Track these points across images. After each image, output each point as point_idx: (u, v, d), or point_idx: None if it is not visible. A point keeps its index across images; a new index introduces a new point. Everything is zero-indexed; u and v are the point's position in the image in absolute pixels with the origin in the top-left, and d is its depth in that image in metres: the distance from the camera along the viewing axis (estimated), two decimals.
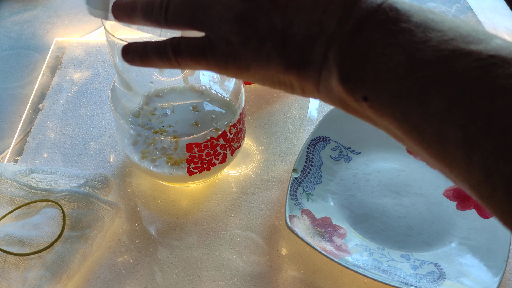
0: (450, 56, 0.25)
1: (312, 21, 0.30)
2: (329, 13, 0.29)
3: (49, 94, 0.70)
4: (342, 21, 0.28)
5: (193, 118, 0.54)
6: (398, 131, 0.28)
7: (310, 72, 0.31)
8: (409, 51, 0.26)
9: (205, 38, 0.33)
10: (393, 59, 0.27)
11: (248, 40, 0.32)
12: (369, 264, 0.50)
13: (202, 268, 0.51)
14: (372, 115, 0.29)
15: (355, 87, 0.28)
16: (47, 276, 0.47)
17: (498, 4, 0.89)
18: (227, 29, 0.32)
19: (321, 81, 0.30)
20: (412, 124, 0.27)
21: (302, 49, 0.30)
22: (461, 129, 0.24)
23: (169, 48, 0.34)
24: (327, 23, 0.29)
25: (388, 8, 0.28)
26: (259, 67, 0.32)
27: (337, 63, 0.29)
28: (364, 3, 0.28)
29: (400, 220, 0.54)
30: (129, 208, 0.56)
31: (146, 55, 0.36)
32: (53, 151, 0.63)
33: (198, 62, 0.34)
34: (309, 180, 0.57)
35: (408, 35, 0.27)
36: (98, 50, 0.77)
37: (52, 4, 0.89)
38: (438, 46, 0.26)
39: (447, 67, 0.25)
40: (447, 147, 0.25)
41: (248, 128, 0.65)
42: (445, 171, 0.27)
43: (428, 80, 0.25)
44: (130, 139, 0.55)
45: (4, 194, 0.54)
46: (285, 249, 0.53)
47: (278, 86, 0.33)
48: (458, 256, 0.51)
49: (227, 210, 0.56)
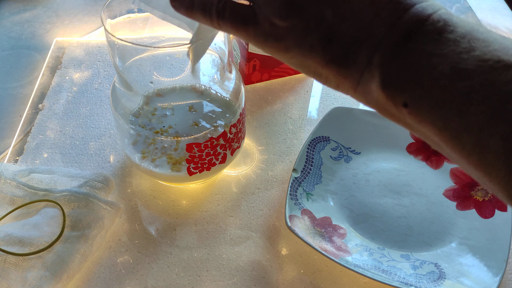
0: (493, 67, 0.26)
1: (363, 22, 0.30)
2: (380, 17, 0.29)
3: (49, 94, 0.70)
4: (392, 27, 0.29)
5: (193, 118, 0.54)
6: (438, 138, 0.28)
7: (351, 71, 0.31)
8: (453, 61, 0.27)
9: (249, 8, 0.33)
10: (437, 68, 0.27)
11: (294, 26, 0.31)
12: (369, 264, 0.50)
13: (202, 268, 0.51)
14: (411, 122, 0.29)
15: (396, 93, 0.29)
16: (47, 276, 0.47)
17: (498, 4, 0.89)
18: (275, 10, 0.31)
19: (360, 82, 0.30)
20: (452, 133, 0.27)
21: (347, 48, 0.30)
22: (503, 140, 0.25)
23: (214, 9, 0.34)
24: (377, 27, 0.29)
25: (437, 19, 0.28)
26: (299, 54, 0.32)
27: (381, 68, 0.29)
28: (415, 11, 0.28)
29: (400, 220, 0.54)
30: (129, 208, 0.56)
31: (192, 8, 0.36)
32: (53, 151, 0.63)
33: (238, 30, 0.34)
34: (309, 180, 0.57)
35: (453, 46, 0.27)
36: (98, 50, 0.77)
37: (52, 4, 0.89)
38: (482, 56, 0.26)
39: (490, 78, 0.26)
40: (487, 156, 0.26)
41: (248, 128, 0.65)
42: (483, 179, 0.27)
43: (471, 90, 0.26)
44: (130, 139, 0.55)
45: (4, 194, 0.54)
46: (285, 249, 0.53)
47: (312, 75, 0.33)
48: (458, 256, 0.51)
49: (227, 210, 0.56)
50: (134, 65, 0.54)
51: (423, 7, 0.29)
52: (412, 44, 0.28)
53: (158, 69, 0.57)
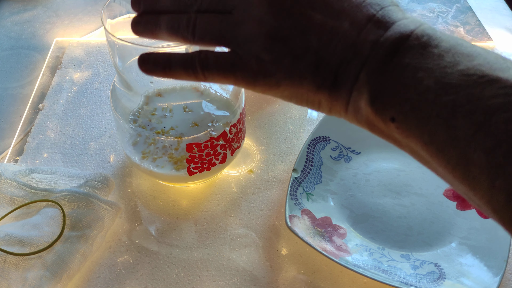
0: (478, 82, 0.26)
1: (348, 43, 0.30)
2: (363, 36, 0.29)
3: (49, 94, 0.70)
4: (376, 45, 0.29)
5: (193, 118, 0.54)
6: (424, 152, 0.28)
7: (341, 93, 0.31)
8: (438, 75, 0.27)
9: (232, 53, 0.33)
10: (422, 83, 0.27)
11: (281, 58, 0.31)
12: (369, 264, 0.50)
13: (202, 268, 0.51)
14: (398, 136, 0.30)
15: (383, 108, 0.29)
16: (47, 276, 0.47)
17: (498, 4, 0.89)
18: (258, 46, 0.31)
19: (350, 101, 0.31)
20: (438, 147, 0.27)
21: (336, 70, 0.30)
22: (486, 154, 0.25)
23: (196, 62, 0.34)
24: (362, 46, 0.29)
25: (420, 34, 0.28)
26: (290, 85, 0.32)
27: (369, 85, 0.29)
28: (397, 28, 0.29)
29: (400, 220, 0.54)
30: (129, 208, 0.56)
31: (170, 67, 0.35)
32: (53, 151, 0.63)
33: (226, 77, 0.34)
34: (309, 180, 0.57)
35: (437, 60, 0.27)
36: (98, 50, 0.77)
37: (52, 4, 0.89)
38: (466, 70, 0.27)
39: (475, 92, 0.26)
40: (472, 170, 0.26)
41: (248, 128, 0.65)
42: (469, 194, 0.27)
43: (456, 104, 0.26)
44: (130, 139, 0.55)
45: (4, 194, 0.54)
46: (285, 249, 0.53)
47: (305, 103, 0.33)
48: (458, 256, 0.51)
49: (227, 210, 0.56)
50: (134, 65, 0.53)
51: (405, 24, 0.29)
52: (397, 59, 0.28)
53: None
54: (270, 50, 0.31)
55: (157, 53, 0.36)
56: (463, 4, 0.88)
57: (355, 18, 0.30)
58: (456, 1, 0.89)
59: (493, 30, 0.83)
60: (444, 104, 0.27)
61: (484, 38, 0.81)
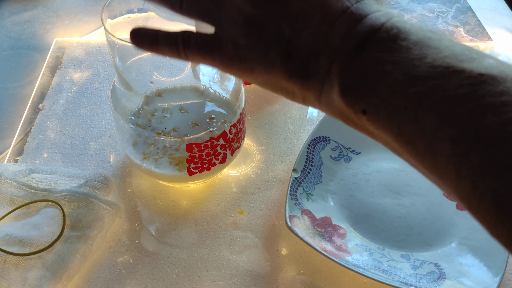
0: (444, 73, 0.27)
1: (319, 34, 0.30)
2: (335, 28, 0.30)
3: (49, 94, 0.70)
4: (346, 37, 0.29)
5: (193, 119, 0.54)
6: (395, 144, 0.29)
7: (313, 83, 0.31)
8: (405, 68, 0.28)
9: (214, 36, 0.34)
10: (391, 75, 0.28)
11: (255, 45, 0.32)
12: (369, 264, 0.50)
13: (202, 268, 0.51)
14: (370, 128, 0.30)
15: (354, 101, 0.30)
16: (47, 276, 0.47)
17: (498, 4, 0.89)
18: (236, 31, 0.32)
19: (323, 92, 0.31)
20: (407, 138, 0.28)
21: (307, 60, 0.31)
22: (452, 143, 0.26)
23: (179, 40, 0.35)
24: (332, 38, 0.30)
25: (390, 27, 0.29)
26: (263, 72, 0.33)
27: (339, 77, 0.30)
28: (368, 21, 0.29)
29: (400, 220, 0.54)
30: (129, 208, 0.56)
31: (156, 42, 0.36)
32: (53, 151, 0.63)
33: (204, 57, 0.35)
34: (309, 180, 0.57)
35: (405, 53, 0.28)
36: (98, 50, 0.77)
37: (52, 4, 0.89)
38: (432, 62, 0.27)
39: (440, 84, 0.26)
40: (439, 160, 0.27)
41: (248, 128, 0.65)
42: (438, 182, 0.28)
43: (422, 96, 0.27)
44: (130, 139, 0.55)
45: (4, 194, 0.54)
46: (285, 249, 0.53)
47: (279, 91, 0.34)
48: (458, 256, 0.51)
49: (227, 210, 0.56)
50: (134, 65, 0.54)
51: (377, 17, 0.29)
52: (366, 52, 0.29)
53: (158, 69, 0.57)
54: (246, 36, 0.32)
55: (147, 28, 0.37)
56: (463, 4, 0.88)
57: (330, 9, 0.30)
58: (456, 1, 0.89)
59: (493, 30, 0.83)
60: (411, 96, 0.27)
61: (484, 38, 0.81)
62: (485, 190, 0.25)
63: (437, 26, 0.84)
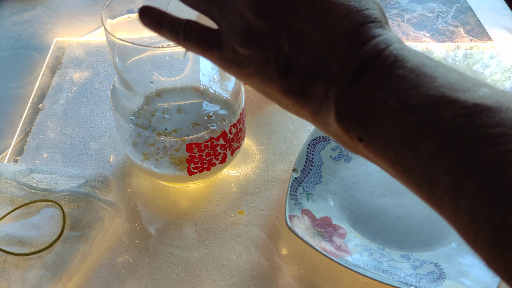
0: (439, 103, 0.26)
1: (319, 57, 0.30)
2: (335, 53, 0.30)
3: (49, 94, 0.70)
4: (346, 63, 0.29)
5: (193, 118, 0.54)
6: (392, 171, 0.29)
7: (309, 103, 0.31)
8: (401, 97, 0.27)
9: (215, 33, 0.34)
10: (387, 104, 0.28)
11: (254, 56, 0.32)
12: (369, 264, 0.50)
13: (202, 268, 0.51)
14: (367, 154, 0.30)
15: (351, 128, 0.29)
16: (47, 276, 0.47)
17: (498, 4, 0.89)
18: (236, 38, 0.32)
19: (319, 113, 0.31)
20: (404, 166, 0.28)
21: (303, 81, 0.31)
22: (449, 174, 0.25)
23: (181, 30, 0.35)
24: (331, 62, 0.30)
25: (388, 55, 0.29)
26: (259, 81, 0.33)
27: (336, 103, 0.30)
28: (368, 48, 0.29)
29: (400, 220, 0.54)
30: (129, 208, 0.56)
31: (160, 26, 0.36)
32: (53, 151, 0.63)
33: (203, 52, 0.35)
34: (309, 180, 0.57)
35: (401, 81, 0.28)
36: (98, 50, 0.77)
37: (52, 4, 0.89)
38: (428, 92, 0.27)
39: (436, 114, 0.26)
40: (436, 190, 0.26)
41: (248, 128, 0.65)
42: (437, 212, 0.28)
43: (419, 125, 0.27)
44: (130, 139, 0.55)
45: (4, 194, 0.54)
46: (285, 249, 0.53)
47: (274, 101, 0.34)
48: (458, 256, 0.51)
49: (227, 210, 0.56)
50: (134, 65, 0.54)
51: (376, 43, 0.29)
52: (364, 80, 0.29)
53: (158, 69, 0.57)
54: (245, 45, 0.32)
55: (155, 9, 0.37)
56: (463, 4, 0.88)
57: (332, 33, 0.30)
58: (456, 1, 0.89)
59: (493, 30, 0.83)
60: (407, 125, 0.27)
61: (484, 38, 0.81)
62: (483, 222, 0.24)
63: (437, 26, 0.84)
